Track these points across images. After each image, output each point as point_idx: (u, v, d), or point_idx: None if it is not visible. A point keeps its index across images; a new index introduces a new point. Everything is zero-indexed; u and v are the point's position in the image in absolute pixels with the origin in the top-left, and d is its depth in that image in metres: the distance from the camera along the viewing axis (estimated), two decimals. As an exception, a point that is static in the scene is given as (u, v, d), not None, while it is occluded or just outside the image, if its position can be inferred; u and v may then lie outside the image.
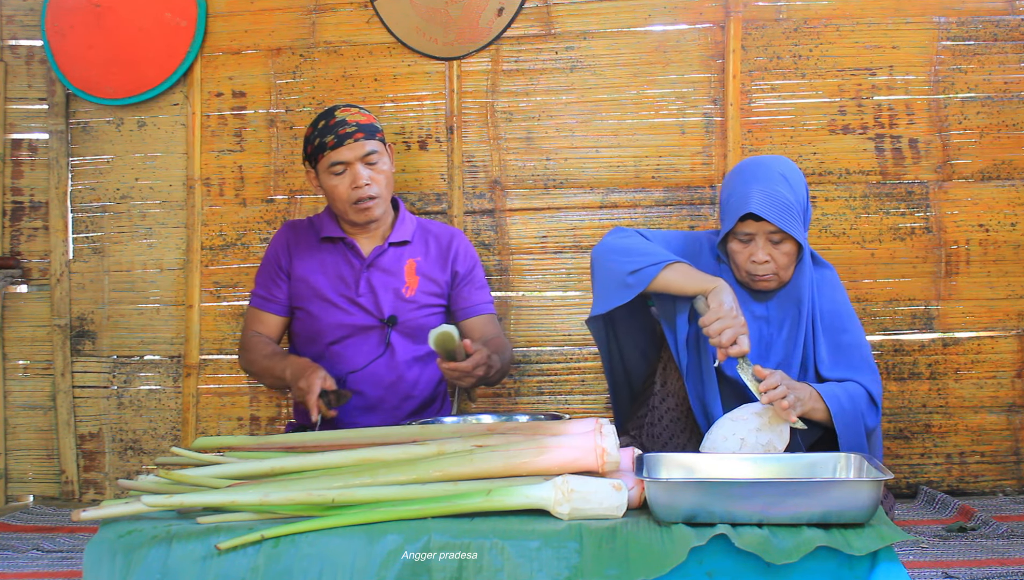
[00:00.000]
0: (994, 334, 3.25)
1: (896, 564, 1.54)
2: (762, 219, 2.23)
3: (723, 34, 3.27)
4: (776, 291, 2.37)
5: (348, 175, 2.70)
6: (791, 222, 2.23)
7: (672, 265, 2.25)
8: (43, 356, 3.54)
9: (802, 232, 2.28)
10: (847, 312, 2.40)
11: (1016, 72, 3.23)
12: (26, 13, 3.54)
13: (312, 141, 2.73)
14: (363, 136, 2.70)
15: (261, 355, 2.78)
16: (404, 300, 2.78)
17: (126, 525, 1.68)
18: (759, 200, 2.21)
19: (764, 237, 2.26)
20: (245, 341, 2.86)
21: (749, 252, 2.28)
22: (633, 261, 2.27)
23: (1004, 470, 3.25)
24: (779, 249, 2.27)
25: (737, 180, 2.32)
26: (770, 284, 2.32)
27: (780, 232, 2.25)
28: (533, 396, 3.36)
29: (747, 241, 2.29)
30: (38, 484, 3.56)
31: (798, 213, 2.26)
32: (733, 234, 2.30)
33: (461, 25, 3.33)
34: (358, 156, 2.69)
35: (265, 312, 2.86)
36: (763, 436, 2.04)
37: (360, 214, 2.73)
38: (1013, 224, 3.24)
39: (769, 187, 2.23)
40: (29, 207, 3.55)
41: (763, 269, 2.29)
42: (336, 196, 2.72)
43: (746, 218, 2.25)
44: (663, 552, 1.54)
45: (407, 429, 2.00)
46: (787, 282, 2.35)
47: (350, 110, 2.75)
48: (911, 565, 2.44)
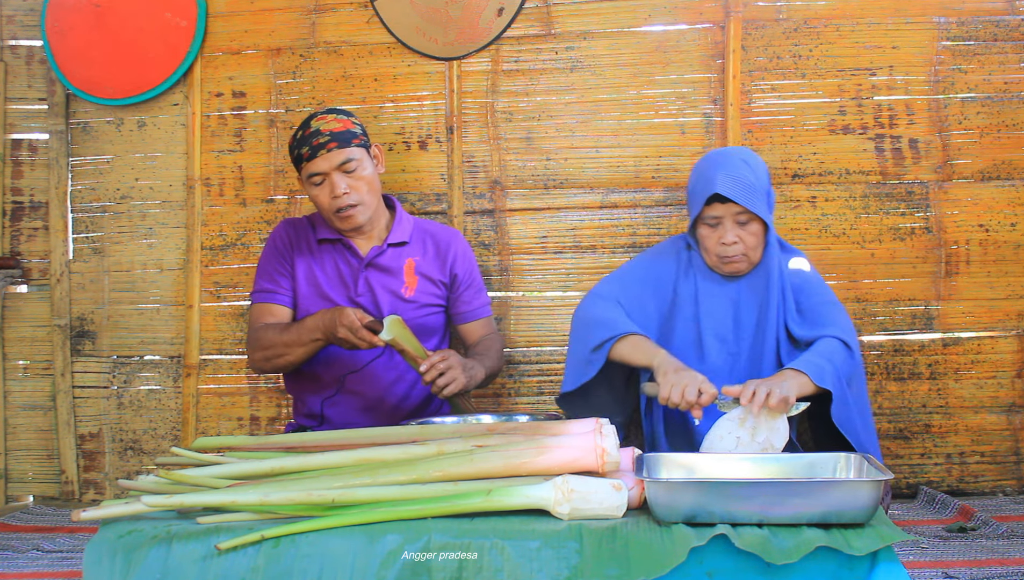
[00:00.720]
0: (994, 334, 3.25)
1: (896, 564, 1.54)
2: (728, 201, 2.33)
3: (723, 34, 3.27)
4: (745, 274, 2.46)
5: (326, 185, 2.67)
6: (755, 201, 2.34)
7: (623, 339, 2.37)
8: (43, 356, 3.54)
9: (767, 212, 2.39)
10: (814, 279, 2.49)
11: (1016, 72, 3.23)
12: (26, 13, 3.54)
13: (292, 152, 2.72)
14: (336, 145, 2.65)
15: (278, 336, 2.67)
16: (404, 300, 2.78)
17: (126, 525, 1.68)
18: (723, 181, 2.33)
19: (731, 219, 2.37)
20: (255, 337, 2.73)
21: (718, 235, 2.39)
22: (595, 335, 2.42)
23: (1004, 470, 3.25)
24: (746, 230, 2.38)
25: (702, 167, 2.45)
26: (740, 265, 2.42)
27: (746, 212, 2.35)
28: (533, 396, 3.36)
29: (715, 225, 2.39)
30: (38, 484, 3.56)
31: (761, 194, 2.38)
32: (701, 220, 2.41)
33: (461, 25, 3.33)
34: (333, 165, 2.65)
35: (274, 304, 2.77)
36: (760, 434, 2.04)
37: (343, 222, 2.72)
38: (1013, 224, 3.24)
39: (732, 170, 2.35)
40: (29, 207, 3.56)
41: (732, 250, 2.38)
42: (319, 205, 2.72)
43: (712, 201, 2.36)
44: (663, 552, 1.54)
45: (407, 429, 2.00)
46: (756, 263, 2.44)
47: (325, 118, 2.70)
48: (911, 565, 2.44)
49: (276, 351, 2.67)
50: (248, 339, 2.79)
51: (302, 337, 2.62)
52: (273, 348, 2.67)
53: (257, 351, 2.72)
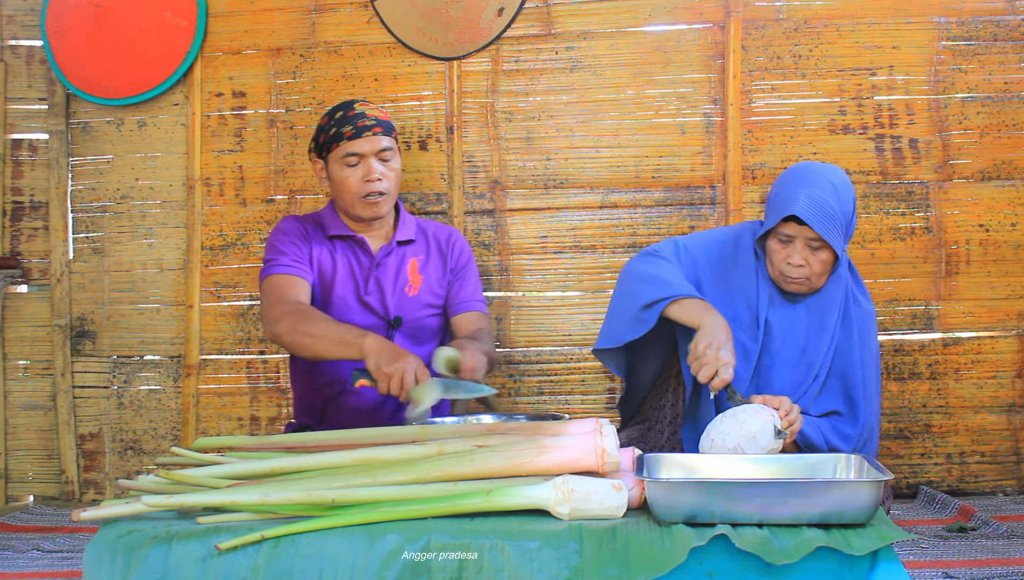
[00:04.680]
0: (994, 334, 3.25)
1: (896, 564, 1.54)
2: (804, 224, 2.25)
3: (723, 34, 3.27)
4: (806, 296, 2.39)
5: (361, 167, 2.69)
6: (832, 231, 2.26)
7: (678, 301, 2.30)
8: (43, 356, 3.54)
9: (841, 243, 2.30)
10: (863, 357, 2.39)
11: (1016, 72, 3.23)
12: (26, 13, 3.54)
13: (327, 130, 2.71)
14: (381, 131, 2.69)
15: (321, 318, 2.49)
16: (408, 299, 2.78)
17: (126, 525, 1.68)
18: (804, 204, 2.24)
19: (803, 241, 2.29)
20: (290, 309, 2.52)
21: (786, 253, 2.31)
22: (648, 293, 2.33)
23: (1004, 470, 3.25)
24: (816, 256, 2.30)
25: (787, 180, 2.35)
26: (800, 288, 2.35)
27: (820, 239, 2.27)
28: (533, 396, 3.36)
29: (786, 242, 2.32)
30: (38, 484, 3.56)
31: (840, 224, 2.29)
32: (774, 233, 2.33)
33: (461, 25, 3.33)
34: (374, 150, 2.68)
35: (300, 278, 2.61)
36: (751, 429, 2.03)
37: (368, 209, 2.71)
38: (1013, 224, 3.24)
39: (816, 193, 2.26)
40: (29, 207, 3.56)
41: (796, 273, 2.32)
42: (345, 187, 2.70)
43: (788, 220, 2.28)
44: (663, 552, 1.54)
45: (407, 429, 2.00)
46: (818, 289, 2.37)
47: (369, 104, 2.75)
48: (911, 565, 2.44)
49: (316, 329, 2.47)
50: (271, 308, 2.57)
51: (345, 336, 2.42)
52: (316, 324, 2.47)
53: (285, 320, 2.51)
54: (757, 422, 2.01)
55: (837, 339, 2.37)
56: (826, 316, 2.37)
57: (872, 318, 2.44)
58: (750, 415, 2.03)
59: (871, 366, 2.41)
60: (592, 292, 3.34)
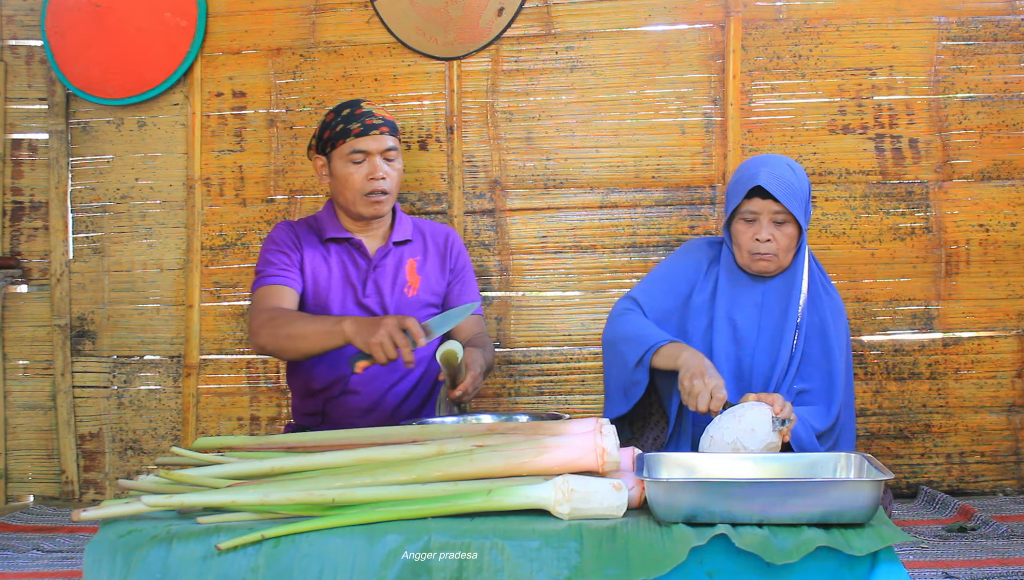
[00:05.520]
0: (994, 334, 3.25)
1: (896, 564, 1.54)
2: (768, 198, 2.33)
3: (723, 34, 3.27)
4: (773, 277, 2.45)
5: (366, 165, 2.70)
6: (795, 203, 2.34)
7: (658, 350, 2.35)
8: (43, 356, 3.54)
9: (803, 217, 2.39)
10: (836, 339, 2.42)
11: (1016, 72, 3.23)
12: (26, 13, 3.54)
13: (333, 127, 2.72)
14: (387, 131, 2.72)
15: (298, 317, 2.53)
16: (407, 300, 2.78)
17: (126, 525, 1.68)
18: (766, 177, 2.34)
19: (768, 216, 2.36)
20: (267, 317, 2.56)
21: (753, 231, 2.38)
22: (630, 353, 2.39)
23: (1004, 470, 3.25)
24: (782, 230, 2.37)
25: (746, 164, 2.47)
26: (769, 265, 2.40)
27: (784, 212, 2.35)
28: (533, 396, 3.36)
29: (752, 220, 2.38)
30: (38, 484, 3.56)
31: (801, 199, 2.38)
32: (738, 214, 2.40)
33: (461, 25, 3.33)
34: (380, 148, 2.70)
35: (285, 286, 2.66)
36: (749, 422, 2.03)
37: (370, 207, 2.71)
38: (1013, 224, 3.24)
39: (776, 169, 2.37)
40: (29, 207, 3.56)
41: (765, 247, 2.38)
42: (348, 185, 2.70)
43: (752, 196, 2.36)
44: (663, 552, 1.54)
45: (407, 429, 2.00)
46: (786, 268, 2.43)
47: (375, 104, 2.78)
48: (911, 565, 2.44)
49: (295, 329, 2.51)
50: (256, 317, 2.60)
51: (325, 322, 2.47)
52: (293, 324, 2.51)
53: (267, 328, 2.55)
54: (754, 415, 2.02)
55: (807, 317, 2.41)
56: (792, 292, 2.41)
57: (842, 311, 2.49)
58: (747, 410, 2.04)
59: (844, 350, 2.44)
60: (592, 292, 3.34)
